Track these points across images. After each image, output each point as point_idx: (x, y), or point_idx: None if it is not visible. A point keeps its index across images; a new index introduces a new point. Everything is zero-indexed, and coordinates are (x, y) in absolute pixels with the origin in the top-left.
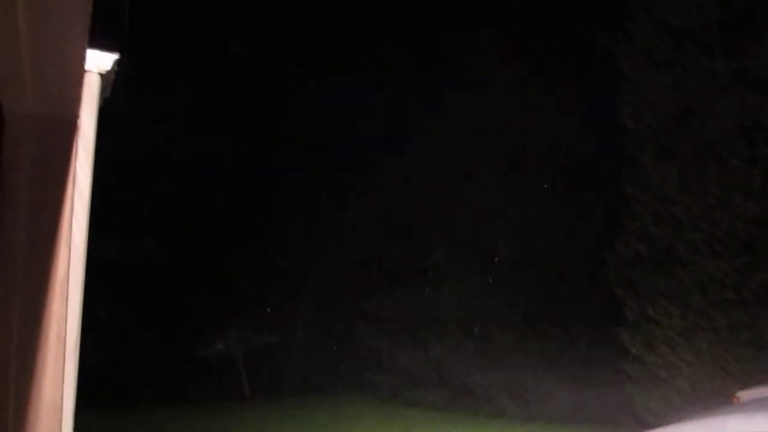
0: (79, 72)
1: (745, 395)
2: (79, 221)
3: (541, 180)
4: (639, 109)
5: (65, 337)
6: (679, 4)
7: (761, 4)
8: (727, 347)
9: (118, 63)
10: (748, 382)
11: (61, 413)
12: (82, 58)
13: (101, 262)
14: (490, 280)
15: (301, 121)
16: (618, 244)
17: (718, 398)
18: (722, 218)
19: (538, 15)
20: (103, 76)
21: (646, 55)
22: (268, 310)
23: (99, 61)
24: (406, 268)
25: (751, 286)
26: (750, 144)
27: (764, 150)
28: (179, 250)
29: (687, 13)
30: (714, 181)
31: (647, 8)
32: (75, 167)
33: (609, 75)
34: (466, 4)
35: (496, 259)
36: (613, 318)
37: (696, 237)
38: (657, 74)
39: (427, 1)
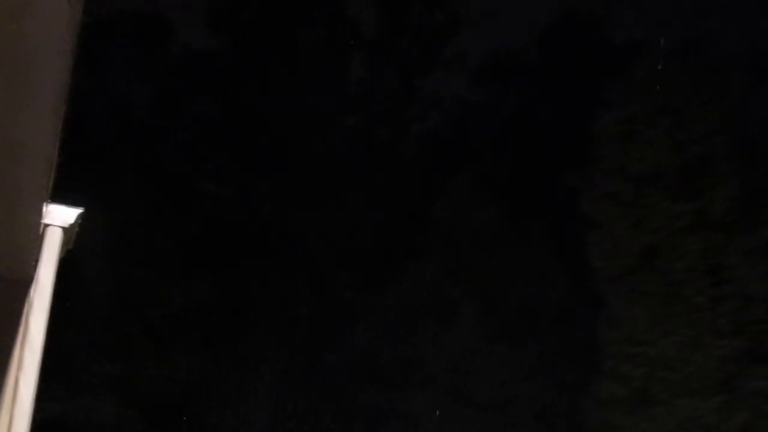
0: (36, 233)
1: None
2: (27, 380)
3: (516, 324)
4: (606, 251)
5: None
6: (638, 150)
7: (716, 151)
8: None
9: (82, 216)
10: None
11: None
12: (40, 220)
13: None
14: (469, 426)
15: (271, 266)
16: (594, 385)
17: None
18: (695, 357)
19: (509, 163)
20: (66, 230)
21: (610, 199)
22: None
23: (62, 216)
24: (383, 414)
25: (731, 427)
26: (715, 283)
27: (729, 289)
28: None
29: (646, 159)
30: (683, 320)
31: (607, 155)
32: (28, 323)
33: (577, 218)
34: (442, 152)
35: (474, 403)
36: None
37: (670, 376)
38: (621, 216)
39: (407, 146)
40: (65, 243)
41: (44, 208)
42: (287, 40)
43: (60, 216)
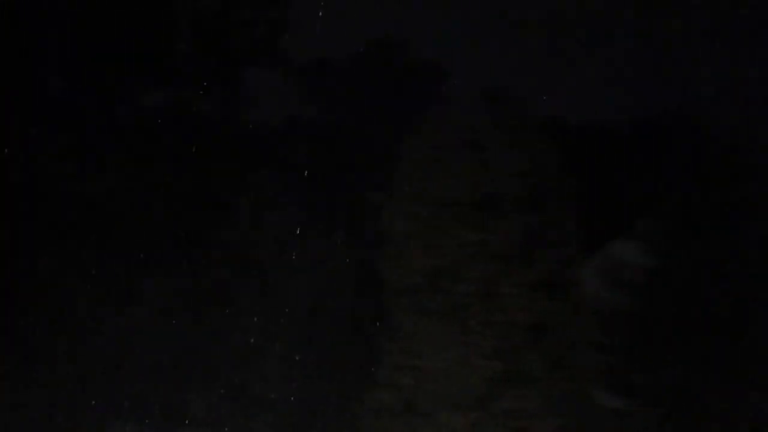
0: None
1: None
2: None
3: (301, 326)
4: (398, 266)
5: None
6: (440, 178)
7: (507, 192)
8: None
9: None
10: None
11: None
12: None
13: None
14: (241, 424)
15: (43, 234)
16: (367, 392)
17: None
18: (461, 374)
19: (319, 168)
20: None
21: (408, 219)
22: None
23: None
24: (155, 408)
25: None
26: (487, 309)
27: (498, 316)
28: None
29: (446, 187)
30: (456, 340)
31: (412, 177)
32: None
33: (376, 232)
34: (251, 143)
35: (249, 401)
36: None
37: (437, 390)
38: (416, 237)
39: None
40: None
41: None
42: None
43: None
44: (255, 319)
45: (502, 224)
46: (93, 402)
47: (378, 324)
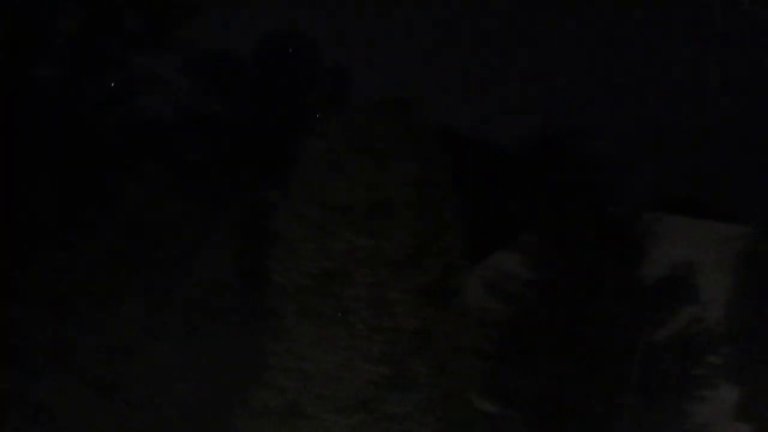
0: None
1: None
2: None
3: (183, 323)
4: (287, 268)
5: None
6: (336, 182)
7: (402, 199)
8: None
9: None
10: None
11: None
12: None
13: None
14: (109, 422)
15: None
16: (249, 394)
17: None
18: (346, 377)
19: (211, 162)
20: None
21: (301, 220)
22: None
23: None
24: (12, 400)
25: None
26: (375, 314)
27: (385, 321)
28: None
29: (341, 191)
30: (343, 343)
31: (307, 179)
32: None
33: (266, 231)
34: (144, 133)
35: (120, 398)
36: None
37: (322, 392)
38: (307, 239)
39: None
40: None
41: None
42: None
43: None
44: (135, 316)
45: (394, 231)
46: None
47: (265, 325)
